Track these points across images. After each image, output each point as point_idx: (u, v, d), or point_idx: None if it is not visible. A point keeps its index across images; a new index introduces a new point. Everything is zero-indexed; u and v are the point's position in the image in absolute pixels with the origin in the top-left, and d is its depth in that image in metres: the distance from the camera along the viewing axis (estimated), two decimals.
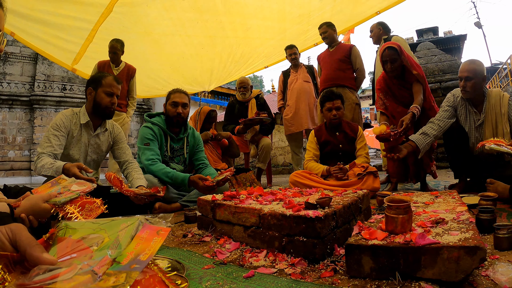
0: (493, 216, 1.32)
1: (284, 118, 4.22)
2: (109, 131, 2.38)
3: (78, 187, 1.29)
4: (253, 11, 4.29)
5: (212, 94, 14.41)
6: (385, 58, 2.71)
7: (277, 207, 1.36)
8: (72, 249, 0.68)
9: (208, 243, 1.45)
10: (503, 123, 2.30)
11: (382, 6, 4.03)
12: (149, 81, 5.63)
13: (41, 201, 1.10)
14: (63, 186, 1.30)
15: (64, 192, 1.23)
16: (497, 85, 15.63)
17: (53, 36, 3.99)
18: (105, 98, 2.21)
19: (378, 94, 2.97)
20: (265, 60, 5.47)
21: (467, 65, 2.38)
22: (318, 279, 0.99)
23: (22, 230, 0.65)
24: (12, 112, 9.07)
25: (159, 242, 0.70)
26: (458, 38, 15.35)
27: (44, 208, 1.10)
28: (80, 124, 2.22)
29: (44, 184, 1.36)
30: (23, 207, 1.06)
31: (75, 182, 1.35)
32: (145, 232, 0.72)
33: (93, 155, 2.30)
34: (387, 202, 1.03)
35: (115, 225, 0.74)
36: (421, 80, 2.67)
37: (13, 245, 0.63)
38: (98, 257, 0.64)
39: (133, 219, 0.75)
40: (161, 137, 2.64)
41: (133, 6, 3.81)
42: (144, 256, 0.65)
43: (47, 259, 0.61)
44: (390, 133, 2.34)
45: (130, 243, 0.69)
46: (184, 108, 2.64)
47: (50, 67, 9.57)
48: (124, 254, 0.65)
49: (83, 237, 0.72)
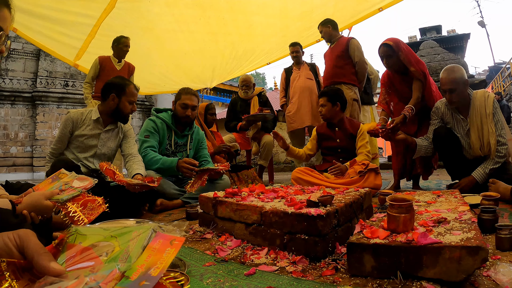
0: (495, 216, 1.32)
1: (286, 115, 4.21)
2: (119, 127, 2.47)
3: (79, 182, 1.28)
4: (255, 8, 4.27)
5: (214, 91, 14.41)
6: (381, 54, 2.77)
7: (279, 204, 1.36)
8: (81, 258, 0.67)
9: (210, 240, 1.45)
10: (488, 123, 2.31)
11: (385, 3, 4.00)
12: (151, 78, 5.63)
13: (43, 198, 1.10)
14: (64, 181, 1.29)
15: (66, 189, 1.22)
16: (500, 85, 15.56)
17: (55, 32, 4.00)
18: (128, 106, 2.34)
19: (381, 89, 3.00)
20: (267, 57, 5.46)
21: (446, 77, 2.36)
22: (319, 277, 0.99)
23: (31, 237, 0.63)
24: (15, 108, 9.10)
25: (172, 254, 0.67)
26: (461, 37, 15.25)
27: (46, 206, 1.10)
28: (91, 119, 2.32)
29: (45, 180, 1.36)
30: (25, 204, 1.06)
31: (76, 177, 1.33)
32: (157, 242, 0.70)
33: (103, 149, 2.38)
34: (389, 201, 1.03)
35: (127, 233, 0.72)
36: (419, 77, 2.65)
37: (21, 252, 0.62)
38: (107, 269, 0.62)
39: (145, 227, 0.72)
40: (163, 131, 2.67)
41: (136, 2, 3.81)
42: (155, 270, 0.62)
43: (55, 270, 0.60)
44: (379, 130, 2.52)
45: (141, 255, 0.66)
46: (193, 111, 2.70)
47: (52, 63, 9.57)
48: (134, 267, 0.63)
49: (93, 244, 0.70)
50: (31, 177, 8.69)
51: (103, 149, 2.37)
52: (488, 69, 23.12)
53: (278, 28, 4.71)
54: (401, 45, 2.68)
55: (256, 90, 4.26)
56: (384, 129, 2.50)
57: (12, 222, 0.90)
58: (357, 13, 4.35)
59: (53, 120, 9.37)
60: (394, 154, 3.00)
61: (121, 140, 2.49)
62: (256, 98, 4.18)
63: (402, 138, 2.53)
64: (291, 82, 4.21)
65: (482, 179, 2.28)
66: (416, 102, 2.64)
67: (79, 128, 2.30)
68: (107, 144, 2.40)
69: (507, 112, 10.37)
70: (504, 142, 2.27)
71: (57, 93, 9.46)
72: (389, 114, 2.93)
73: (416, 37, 15.40)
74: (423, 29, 15.42)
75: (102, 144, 2.36)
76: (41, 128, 9.21)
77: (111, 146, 2.43)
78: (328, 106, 2.82)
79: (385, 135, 2.52)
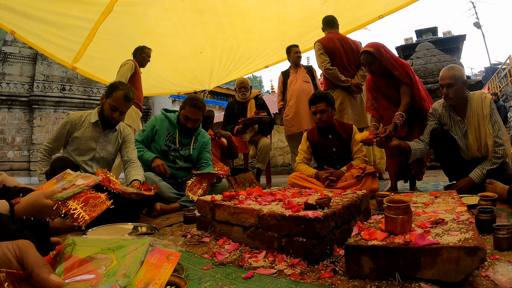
0: (493, 217, 1.32)
1: (284, 118, 4.21)
2: (118, 131, 2.45)
3: (83, 181, 1.25)
4: (253, 13, 4.28)
5: (211, 94, 14.42)
6: (362, 61, 2.76)
7: (277, 207, 1.35)
8: (80, 270, 0.67)
9: (207, 244, 1.44)
10: (485, 125, 2.32)
11: (385, 10, 4.04)
12: (149, 80, 5.64)
13: (42, 197, 1.05)
14: (68, 181, 1.26)
15: (69, 187, 1.18)
16: (496, 85, 15.66)
17: (53, 35, 3.99)
18: (108, 110, 2.27)
19: (367, 94, 2.98)
20: (265, 60, 5.47)
21: (446, 72, 2.40)
22: (317, 279, 0.98)
23: (30, 248, 0.63)
24: (11, 112, 9.07)
25: (169, 269, 0.68)
26: (457, 38, 15.33)
27: (46, 204, 1.04)
28: (90, 122, 2.31)
29: (50, 181, 1.32)
30: (24, 204, 1.01)
31: (81, 176, 1.30)
32: (154, 256, 0.71)
33: (102, 152, 2.36)
34: (386, 203, 1.03)
35: (124, 247, 0.72)
36: (404, 80, 2.65)
37: (20, 263, 0.62)
38: (107, 284, 0.62)
39: (142, 241, 0.73)
40: (163, 127, 2.73)
41: (133, 6, 3.81)
42: (153, 286, 0.63)
43: (54, 282, 0.60)
44: (372, 139, 2.49)
45: (139, 270, 0.67)
46: (194, 123, 2.72)
47: (49, 67, 9.56)
48: (134, 283, 0.64)
49: (90, 256, 0.70)
50: (28, 182, 8.64)
51: (102, 152, 2.35)
52: (484, 70, 23.27)
53: (276, 33, 4.72)
54: (381, 50, 2.66)
55: (252, 93, 4.26)
56: (378, 138, 2.48)
57: (10, 228, 0.87)
58: (357, 19, 4.38)
59: (50, 124, 9.35)
60: (389, 156, 3.00)
61: (120, 145, 2.48)
62: (253, 101, 4.18)
63: (396, 144, 2.53)
64: (288, 85, 4.21)
65: (479, 180, 2.28)
66: (405, 108, 2.64)
67: (77, 130, 2.29)
68: (106, 148, 2.38)
69: (503, 112, 10.42)
70: (501, 143, 2.28)
71: (54, 97, 9.44)
72: (379, 120, 2.90)
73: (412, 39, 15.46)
74: (419, 31, 15.48)
75: (101, 148, 2.35)
76: (38, 132, 9.18)
77: (110, 150, 2.41)
78: (329, 112, 2.69)
79: (379, 143, 2.51)
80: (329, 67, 3.45)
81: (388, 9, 4.04)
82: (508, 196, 1.79)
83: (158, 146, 2.70)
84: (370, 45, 2.70)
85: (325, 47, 3.51)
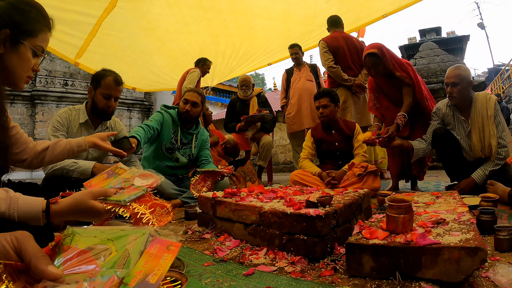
0: (494, 218, 1.32)
1: (286, 116, 4.21)
2: (110, 128, 2.34)
3: (141, 180, 1.07)
4: (258, 11, 4.28)
5: (213, 91, 14.42)
6: (367, 65, 2.74)
7: (278, 205, 1.36)
8: (79, 261, 0.67)
9: (208, 240, 1.45)
10: (490, 125, 2.32)
11: (390, 10, 4.03)
12: (152, 76, 5.67)
13: (88, 198, 0.88)
14: (123, 178, 1.09)
15: (127, 187, 1.03)
16: (499, 87, 15.59)
17: (57, 30, 3.88)
18: (101, 100, 2.13)
19: (370, 94, 2.99)
20: (268, 57, 5.47)
21: (452, 71, 2.40)
22: (318, 277, 0.99)
23: (28, 240, 0.63)
24: (14, 107, 9.10)
25: (169, 260, 0.67)
26: (461, 38, 15.26)
27: (93, 207, 0.88)
28: (79, 123, 2.17)
29: (98, 176, 1.15)
30: (64, 205, 0.85)
31: (137, 173, 1.12)
32: (154, 247, 0.70)
33: (94, 152, 2.24)
34: (388, 202, 1.03)
35: (124, 237, 0.71)
36: (406, 81, 2.65)
37: (18, 254, 0.61)
38: (105, 275, 0.62)
39: (142, 231, 0.72)
40: (169, 125, 2.72)
41: (137, 2, 3.81)
42: (153, 277, 0.63)
43: (53, 274, 0.60)
44: (375, 140, 2.50)
45: (139, 261, 0.66)
46: (193, 107, 2.70)
47: (52, 62, 9.58)
48: (132, 274, 0.63)
49: (89, 247, 0.69)
50: (29, 176, 8.66)
51: (95, 153, 2.22)
52: (488, 71, 23.17)
53: (280, 31, 4.72)
54: (384, 50, 2.66)
55: (255, 91, 4.27)
56: (381, 138, 2.49)
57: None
58: (361, 18, 4.37)
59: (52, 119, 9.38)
60: (391, 156, 3.00)
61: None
62: (255, 99, 4.18)
63: (398, 144, 2.53)
64: (291, 83, 4.21)
65: (481, 181, 2.28)
66: (407, 109, 2.65)
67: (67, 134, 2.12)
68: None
69: (506, 114, 10.40)
70: (504, 144, 2.28)
71: (57, 92, 9.48)
72: (381, 119, 2.92)
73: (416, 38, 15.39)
74: (423, 31, 15.41)
75: (94, 148, 2.23)
76: (40, 127, 9.21)
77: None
78: (331, 107, 2.76)
79: (381, 144, 2.52)
80: (333, 65, 3.45)
81: (392, 9, 4.03)
82: (508, 200, 1.79)
83: (162, 143, 2.69)
84: (373, 46, 2.70)
85: (329, 46, 3.51)
